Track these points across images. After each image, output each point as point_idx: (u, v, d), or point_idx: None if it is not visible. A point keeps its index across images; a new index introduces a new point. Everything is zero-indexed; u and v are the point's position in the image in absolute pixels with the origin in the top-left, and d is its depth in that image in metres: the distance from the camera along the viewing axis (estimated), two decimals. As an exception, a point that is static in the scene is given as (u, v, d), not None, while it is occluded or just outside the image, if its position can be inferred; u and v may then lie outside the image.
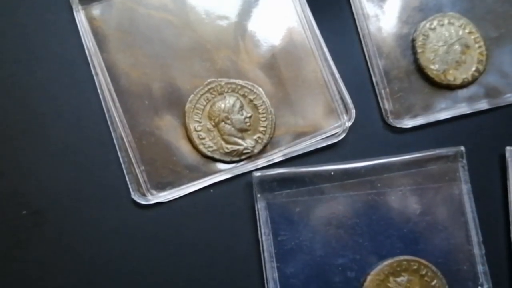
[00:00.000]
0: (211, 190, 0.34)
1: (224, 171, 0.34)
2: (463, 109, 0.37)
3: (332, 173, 0.34)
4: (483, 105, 0.38)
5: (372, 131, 0.36)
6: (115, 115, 0.34)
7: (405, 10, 0.38)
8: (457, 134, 0.37)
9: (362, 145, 0.36)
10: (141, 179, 0.33)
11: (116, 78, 0.34)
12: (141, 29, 0.35)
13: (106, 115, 0.34)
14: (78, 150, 0.34)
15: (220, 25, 0.36)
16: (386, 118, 0.36)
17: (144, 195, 0.33)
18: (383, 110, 0.36)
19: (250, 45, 0.36)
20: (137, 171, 0.33)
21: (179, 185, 0.34)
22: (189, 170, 0.34)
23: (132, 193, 0.33)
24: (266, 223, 0.34)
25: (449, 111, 0.37)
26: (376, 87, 0.37)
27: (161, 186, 0.34)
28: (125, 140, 0.33)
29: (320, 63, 0.36)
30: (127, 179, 0.33)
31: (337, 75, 0.36)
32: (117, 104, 0.34)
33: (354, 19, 0.38)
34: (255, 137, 0.35)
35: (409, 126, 0.36)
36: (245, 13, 0.36)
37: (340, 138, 0.35)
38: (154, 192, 0.34)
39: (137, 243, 0.34)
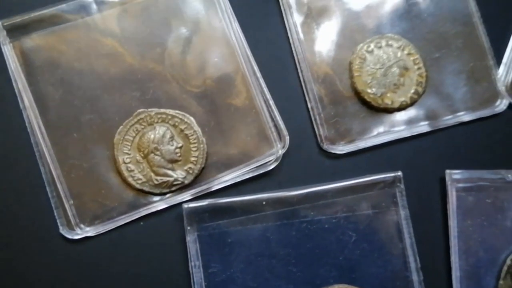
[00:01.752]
0: (141, 223, 0.34)
1: (154, 204, 0.34)
2: (402, 132, 0.37)
3: (264, 203, 0.34)
4: (422, 128, 0.37)
5: (308, 158, 0.36)
6: (44, 149, 0.34)
7: (342, 33, 0.38)
8: (395, 158, 0.37)
9: (298, 172, 0.36)
10: (69, 213, 0.33)
11: (44, 111, 0.34)
12: (71, 61, 0.35)
13: (35, 149, 0.34)
14: (6, 185, 0.34)
15: (152, 55, 0.36)
16: (322, 144, 0.36)
17: (72, 229, 0.33)
18: (318, 136, 0.36)
19: (182, 74, 0.36)
20: (66, 205, 0.33)
21: (109, 218, 0.34)
22: (118, 203, 0.34)
23: (60, 227, 0.33)
24: (196, 256, 0.34)
25: (387, 135, 0.37)
26: (311, 113, 0.36)
27: (90, 220, 0.34)
28: (53, 173, 0.33)
29: (254, 90, 0.35)
30: (55, 213, 0.33)
31: (271, 102, 0.36)
32: (46, 137, 0.34)
33: (290, 44, 0.37)
34: (186, 167, 0.34)
35: (345, 151, 0.36)
36: (176, 41, 0.36)
37: (273, 166, 0.35)
38: (82, 226, 0.34)
39: (66, 278, 0.34)
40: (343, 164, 0.37)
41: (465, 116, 0.38)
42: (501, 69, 0.39)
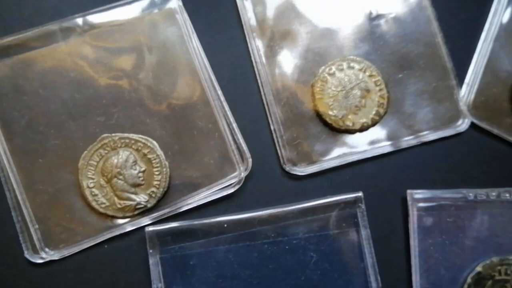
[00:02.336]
0: (105, 246, 0.35)
1: (118, 227, 0.35)
2: (364, 153, 0.38)
3: (226, 225, 0.35)
4: (384, 148, 0.38)
5: (271, 180, 0.37)
6: (9, 174, 0.34)
7: (305, 56, 0.39)
8: (357, 178, 0.38)
9: (260, 194, 0.37)
10: (34, 238, 0.34)
11: (10, 137, 0.35)
12: (36, 87, 0.36)
13: (0, 174, 0.35)
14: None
15: (116, 80, 0.36)
16: (284, 165, 0.37)
17: (37, 253, 0.34)
18: (280, 158, 0.37)
19: (146, 98, 0.36)
20: (31, 229, 0.34)
21: (73, 242, 0.35)
22: (82, 227, 0.35)
23: (25, 251, 0.34)
24: (158, 278, 0.34)
25: (349, 156, 0.38)
26: (274, 135, 0.37)
27: (55, 244, 0.34)
28: (19, 198, 0.34)
29: (217, 113, 0.36)
30: (20, 238, 0.34)
31: (234, 125, 0.36)
32: (11, 163, 0.35)
33: (253, 67, 0.38)
34: (148, 191, 0.35)
35: (307, 173, 0.37)
36: (140, 66, 0.37)
37: (236, 188, 0.36)
38: (47, 250, 0.34)
39: (32, 301, 0.34)
40: (305, 185, 0.37)
41: (427, 136, 0.39)
42: (464, 89, 0.40)
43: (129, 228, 0.35)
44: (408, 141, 0.38)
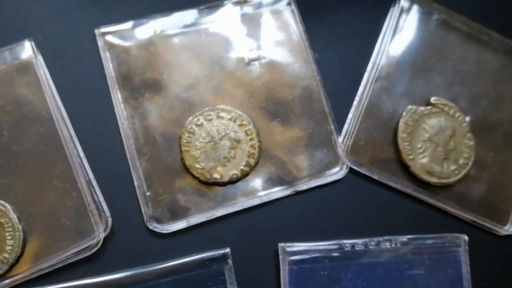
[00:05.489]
0: (-47, 318, 0.34)
1: (-34, 298, 0.34)
2: (234, 206, 0.37)
3: (81, 290, 0.34)
4: (255, 200, 0.37)
5: (135, 239, 0.36)
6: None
7: (172, 107, 0.38)
8: (228, 233, 0.37)
9: (124, 255, 0.36)
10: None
11: None
12: None
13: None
14: None
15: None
16: (148, 223, 0.36)
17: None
18: (144, 215, 0.36)
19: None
20: None
21: None
22: None
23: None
24: None
25: (219, 210, 0.37)
26: (137, 191, 0.36)
27: None
28: None
29: (75, 172, 0.35)
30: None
31: (94, 183, 0.36)
32: None
33: (117, 120, 0.37)
34: (0, 257, 0.34)
35: (173, 230, 0.36)
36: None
37: (93, 251, 0.34)
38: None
39: None
40: (171, 243, 0.36)
41: (303, 185, 0.38)
42: (343, 134, 0.39)
43: (-23, 298, 0.34)
44: (281, 191, 0.38)
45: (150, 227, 0.36)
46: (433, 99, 0.40)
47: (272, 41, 0.40)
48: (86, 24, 0.39)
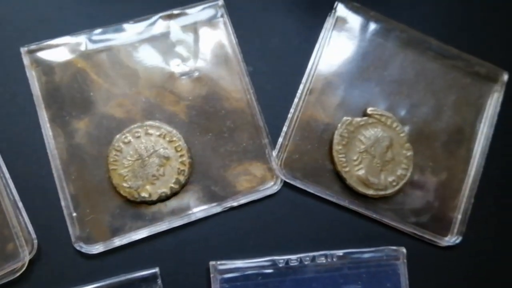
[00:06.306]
0: None
1: None
2: (164, 225, 0.36)
3: (4, 316, 0.33)
4: (186, 218, 0.37)
5: (63, 260, 0.36)
6: None
7: (99, 125, 0.37)
8: (159, 252, 0.37)
9: (52, 277, 0.35)
10: None
11: None
12: None
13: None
14: None
15: None
16: (76, 244, 0.35)
17: None
18: (72, 236, 0.35)
19: None
20: None
21: None
22: None
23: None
24: None
25: (148, 229, 0.36)
26: (64, 212, 0.36)
27: None
28: None
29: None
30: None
31: (20, 204, 0.35)
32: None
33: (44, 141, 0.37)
34: None
35: (101, 250, 0.36)
36: None
37: (19, 274, 0.34)
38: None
39: None
40: (100, 264, 0.36)
41: (236, 201, 0.38)
42: (277, 147, 0.38)
43: None
44: (214, 207, 0.37)
45: (78, 248, 0.36)
46: (369, 110, 0.40)
47: (204, 54, 0.39)
48: (13, 41, 0.38)
